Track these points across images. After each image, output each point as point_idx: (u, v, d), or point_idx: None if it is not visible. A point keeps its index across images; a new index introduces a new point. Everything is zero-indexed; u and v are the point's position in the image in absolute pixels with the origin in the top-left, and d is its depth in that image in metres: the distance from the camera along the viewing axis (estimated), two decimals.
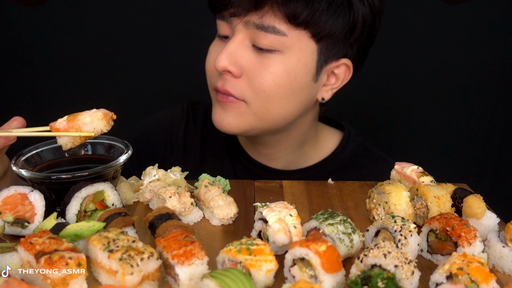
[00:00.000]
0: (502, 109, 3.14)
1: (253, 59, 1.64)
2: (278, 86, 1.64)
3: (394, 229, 1.23)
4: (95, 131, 1.41)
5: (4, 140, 1.39)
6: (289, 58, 1.63)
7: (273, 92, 1.65)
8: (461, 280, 1.06)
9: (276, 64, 1.62)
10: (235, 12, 1.60)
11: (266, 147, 1.97)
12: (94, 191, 1.38)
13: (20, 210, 1.32)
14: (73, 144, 1.42)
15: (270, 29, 1.58)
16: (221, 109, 1.73)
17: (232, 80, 1.66)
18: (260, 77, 1.63)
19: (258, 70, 1.63)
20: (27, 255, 1.08)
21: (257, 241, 1.12)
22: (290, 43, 1.61)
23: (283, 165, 2.01)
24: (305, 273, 1.11)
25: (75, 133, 1.39)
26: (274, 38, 1.59)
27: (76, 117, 1.41)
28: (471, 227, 1.23)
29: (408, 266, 1.06)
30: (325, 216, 1.26)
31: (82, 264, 1.06)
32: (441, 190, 1.43)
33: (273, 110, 1.70)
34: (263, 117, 1.71)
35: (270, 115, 1.71)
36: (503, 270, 1.23)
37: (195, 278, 1.08)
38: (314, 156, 2.03)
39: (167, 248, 1.11)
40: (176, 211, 1.41)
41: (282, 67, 1.63)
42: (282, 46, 1.61)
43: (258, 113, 1.70)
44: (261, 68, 1.63)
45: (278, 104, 1.69)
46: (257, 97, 1.66)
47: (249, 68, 1.64)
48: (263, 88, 1.64)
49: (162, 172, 1.59)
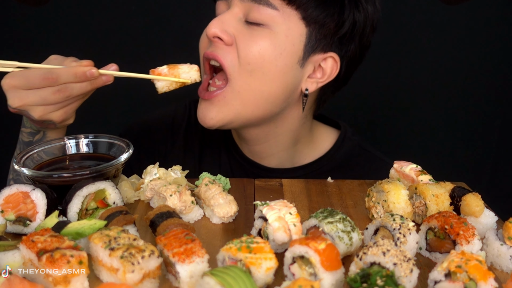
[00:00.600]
0: (500, 109, 3.14)
1: (243, 30, 1.67)
2: (263, 59, 1.66)
3: (393, 227, 1.23)
4: (191, 79, 1.64)
5: (105, 78, 1.57)
6: (277, 34, 1.66)
7: (257, 65, 1.66)
8: (460, 278, 1.06)
9: (264, 37, 1.65)
10: None
11: (255, 143, 1.95)
12: (96, 190, 1.38)
13: (22, 209, 1.32)
14: (168, 89, 1.64)
15: (264, 1, 1.63)
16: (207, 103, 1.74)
17: (222, 46, 1.68)
18: (247, 48, 1.65)
19: (246, 41, 1.66)
20: (29, 253, 1.08)
21: (257, 239, 1.12)
22: (280, 20, 1.64)
23: (276, 163, 2.00)
24: (304, 271, 1.11)
25: (173, 78, 1.63)
26: (266, 11, 1.63)
27: (176, 66, 1.64)
28: (469, 225, 1.23)
29: (407, 264, 1.06)
30: (324, 215, 1.26)
31: (83, 262, 1.06)
32: (439, 188, 1.43)
33: (255, 86, 1.70)
34: (246, 97, 1.71)
35: (253, 93, 1.71)
36: (501, 268, 1.23)
37: (195, 276, 1.08)
38: (308, 154, 2.02)
39: (168, 246, 1.11)
40: (177, 209, 1.41)
41: (269, 41, 1.65)
42: (272, 21, 1.64)
43: (241, 91, 1.70)
44: (249, 39, 1.66)
45: (261, 80, 1.69)
46: (242, 69, 1.67)
47: (238, 38, 1.66)
48: (248, 60, 1.66)
49: (162, 171, 1.59)
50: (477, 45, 2.96)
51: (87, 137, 1.67)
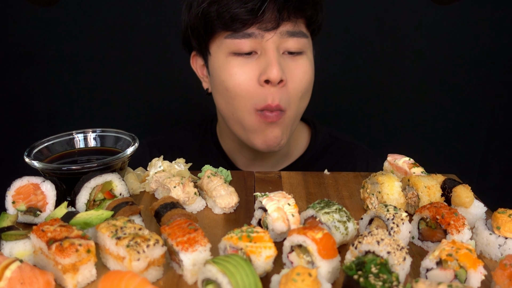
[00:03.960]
0: (489, 104, 3.14)
1: (290, 65, 1.68)
2: (309, 83, 1.73)
3: (386, 217, 1.23)
4: None
5: None
6: (310, 57, 1.73)
7: (306, 89, 1.72)
8: (450, 266, 1.06)
9: (305, 64, 1.71)
10: (268, 26, 1.62)
11: (256, 154, 1.95)
12: (103, 182, 1.38)
13: (33, 200, 1.32)
14: None
15: (300, 34, 1.68)
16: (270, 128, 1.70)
17: (279, 91, 1.65)
18: (298, 78, 1.68)
19: (295, 73, 1.68)
20: (39, 242, 1.08)
21: (257, 229, 1.12)
22: (308, 44, 1.74)
23: (266, 168, 2.01)
24: (302, 259, 1.10)
25: None
26: (302, 41, 1.68)
27: None
28: (460, 216, 1.23)
29: (400, 252, 1.06)
30: (321, 205, 1.26)
31: (91, 250, 1.06)
32: (431, 180, 1.42)
33: (303, 107, 1.76)
34: (296, 118, 1.75)
35: (300, 113, 1.77)
36: (490, 256, 1.23)
37: (198, 264, 1.08)
38: (292, 152, 2.05)
39: (172, 236, 1.10)
40: (180, 200, 1.41)
41: (309, 65, 1.72)
42: (306, 47, 1.71)
43: (295, 115, 1.74)
44: (297, 70, 1.68)
45: (306, 101, 1.76)
46: (295, 98, 1.69)
47: (288, 72, 1.66)
48: (300, 88, 1.69)
49: (167, 164, 1.58)
50: (467, 44, 2.95)
51: (94, 132, 1.67)
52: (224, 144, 2.04)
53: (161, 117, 3.07)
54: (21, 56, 2.88)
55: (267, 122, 1.68)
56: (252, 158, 1.98)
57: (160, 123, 3.06)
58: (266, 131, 1.71)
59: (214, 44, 1.71)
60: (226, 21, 1.61)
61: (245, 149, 1.95)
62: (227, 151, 2.03)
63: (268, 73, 1.60)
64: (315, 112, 2.06)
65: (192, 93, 2.27)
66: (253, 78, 1.65)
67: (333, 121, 3.06)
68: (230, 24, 1.61)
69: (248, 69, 1.66)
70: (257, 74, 1.65)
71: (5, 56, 2.87)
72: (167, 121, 3.06)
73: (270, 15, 1.60)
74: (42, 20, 2.80)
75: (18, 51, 2.87)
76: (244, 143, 1.82)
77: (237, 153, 2.01)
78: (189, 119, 2.27)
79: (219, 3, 1.60)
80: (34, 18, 2.79)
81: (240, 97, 1.68)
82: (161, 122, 3.06)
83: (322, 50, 2.00)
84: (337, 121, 3.10)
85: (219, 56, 1.70)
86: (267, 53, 1.64)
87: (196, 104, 2.85)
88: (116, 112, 3.04)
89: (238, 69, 1.66)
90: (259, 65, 1.65)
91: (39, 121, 3.01)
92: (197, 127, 2.15)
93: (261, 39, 1.63)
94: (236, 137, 1.87)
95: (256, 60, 1.66)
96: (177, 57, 2.28)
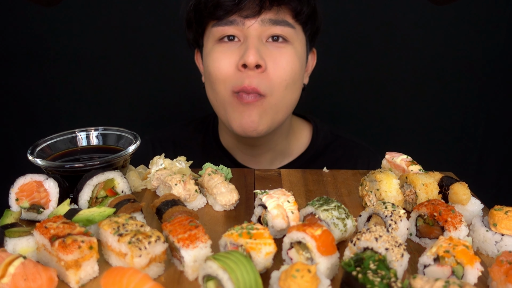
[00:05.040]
0: (486, 103, 3.13)
1: (273, 53, 1.69)
2: (294, 72, 1.72)
3: (385, 214, 1.23)
4: None
5: None
6: (297, 48, 1.73)
7: (290, 79, 1.71)
8: (448, 262, 1.06)
9: (289, 53, 1.70)
10: (248, 14, 1.65)
11: (255, 149, 1.96)
12: (105, 179, 1.38)
13: (36, 197, 1.32)
14: None
15: (284, 22, 1.68)
16: (245, 110, 1.70)
17: (257, 76, 1.66)
18: (281, 66, 1.68)
19: (278, 60, 1.68)
20: (42, 239, 1.08)
21: (257, 226, 1.12)
22: (295, 36, 1.73)
23: (265, 164, 2.01)
24: (301, 256, 1.10)
25: None
26: (286, 29, 1.69)
27: None
28: (457, 213, 1.23)
29: (398, 249, 1.06)
30: (320, 202, 1.26)
31: (93, 247, 1.06)
32: (428, 178, 1.42)
33: (288, 97, 1.75)
34: (280, 107, 1.75)
35: (285, 103, 1.76)
36: (487, 252, 1.23)
37: (199, 260, 1.08)
38: (293, 150, 2.05)
39: (173, 232, 1.10)
40: (181, 197, 1.41)
41: (295, 55, 1.72)
42: (292, 38, 1.71)
43: (277, 103, 1.73)
44: (280, 57, 1.69)
45: (291, 91, 1.74)
46: (278, 86, 1.70)
47: (270, 60, 1.67)
48: (284, 77, 1.69)
49: (168, 161, 1.58)
50: (464, 42, 2.95)
51: (97, 130, 1.67)
52: (224, 140, 2.05)
53: (162, 116, 3.07)
54: (24, 55, 2.88)
55: (243, 103, 1.69)
56: (249, 154, 1.99)
57: (162, 122, 3.05)
58: (243, 113, 1.71)
59: (205, 35, 1.78)
60: (210, 10, 1.68)
61: (242, 144, 1.97)
62: (227, 147, 2.04)
63: (245, 58, 1.63)
64: (313, 110, 2.05)
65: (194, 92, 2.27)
66: (233, 63, 1.68)
67: (332, 119, 3.06)
68: (214, 12, 1.67)
69: (229, 55, 1.69)
70: (237, 59, 1.68)
71: (9, 55, 2.87)
72: (168, 120, 3.06)
73: (251, 3, 1.64)
74: (45, 20, 2.79)
75: (22, 51, 2.86)
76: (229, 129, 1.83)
77: (236, 148, 2.02)
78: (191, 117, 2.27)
79: None
80: (37, 18, 2.79)
81: (219, 80, 1.71)
82: (163, 121, 3.06)
83: (321, 49, 2.01)
84: (335, 119, 3.09)
85: (208, 45, 1.77)
86: (247, 39, 1.67)
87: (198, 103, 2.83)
88: (118, 111, 3.03)
89: (220, 54, 1.71)
90: (240, 51, 1.68)
91: (42, 119, 3.01)
92: (200, 124, 2.16)
93: (242, 26, 1.67)
94: (231, 132, 1.89)
95: (238, 47, 1.69)
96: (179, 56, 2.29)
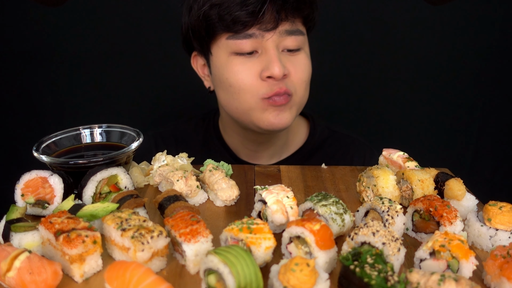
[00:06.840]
0: (480, 100, 3.13)
1: (290, 59, 1.71)
2: (309, 73, 1.78)
3: (382, 209, 1.23)
4: None
5: None
6: (307, 51, 1.79)
7: (307, 79, 1.77)
8: (443, 256, 1.06)
9: (303, 58, 1.75)
10: (267, 27, 1.64)
11: (260, 145, 1.96)
12: (108, 175, 1.38)
13: (41, 193, 1.32)
14: None
15: (297, 32, 1.70)
16: (278, 111, 1.72)
17: (283, 81, 1.68)
18: (300, 70, 1.72)
19: (296, 66, 1.72)
20: (47, 234, 1.08)
21: (257, 221, 1.12)
22: (305, 40, 1.77)
23: (265, 159, 2.02)
24: (300, 250, 1.10)
25: None
26: (299, 38, 1.71)
27: None
28: (452, 208, 1.22)
29: (395, 243, 1.06)
30: (319, 198, 1.26)
31: (97, 241, 1.06)
32: (424, 174, 1.42)
33: (306, 95, 1.81)
34: (301, 104, 1.80)
35: (304, 101, 1.82)
36: (481, 247, 1.23)
37: (200, 254, 1.08)
38: (291, 145, 2.06)
39: (175, 227, 1.10)
40: (183, 193, 1.40)
41: (307, 59, 1.77)
42: (302, 43, 1.74)
43: (300, 101, 1.78)
44: (298, 63, 1.72)
45: (307, 89, 1.80)
46: (300, 86, 1.74)
47: (290, 66, 1.70)
48: (304, 78, 1.74)
49: (170, 158, 1.58)
50: (460, 41, 2.94)
51: (100, 127, 1.67)
52: (227, 137, 2.04)
53: (165, 113, 3.07)
54: (30, 54, 2.87)
55: (276, 105, 1.70)
56: (253, 150, 1.99)
57: (164, 119, 3.05)
58: (279, 114, 1.73)
59: (215, 44, 1.72)
60: (227, 24, 1.63)
61: (248, 142, 1.96)
62: (230, 144, 2.04)
63: (271, 70, 1.63)
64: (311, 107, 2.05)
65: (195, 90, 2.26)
66: (255, 74, 1.67)
67: (329, 116, 3.05)
68: (232, 26, 1.63)
69: (250, 67, 1.67)
70: (259, 71, 1.67)
71: (15, 54, 2.86)
72: (170, 117, 3.05)
73: (269, 16, 1.62)
74: (50, 20, 2.78)
75: (27, 50, 2.85)
76: (250, 129, 1.82)
77: (240, 145, 2.01)
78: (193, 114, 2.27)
79: (220, 6, 1.61)
80: (43, 18, 2.78)
81: (244, 91, 1.70)
82: (165, 118, 3.05)
83: (318, 47, 2.00)
84: (332, 116, 3.09)
85: (221, 56, 1.71)
86: (268, 51, 1.66)
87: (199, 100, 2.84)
88: (121, 108, 3.03)
89: (240, 67, 1.68)
90: (261, 63, 1.67)
91: (47, 117, 3.00)
92: (200, 121, 2.16)
93: (262, 38, 1.65)
94: (239, 130, 1.91)
95: (258, 58, 1.68)
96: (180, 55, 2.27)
